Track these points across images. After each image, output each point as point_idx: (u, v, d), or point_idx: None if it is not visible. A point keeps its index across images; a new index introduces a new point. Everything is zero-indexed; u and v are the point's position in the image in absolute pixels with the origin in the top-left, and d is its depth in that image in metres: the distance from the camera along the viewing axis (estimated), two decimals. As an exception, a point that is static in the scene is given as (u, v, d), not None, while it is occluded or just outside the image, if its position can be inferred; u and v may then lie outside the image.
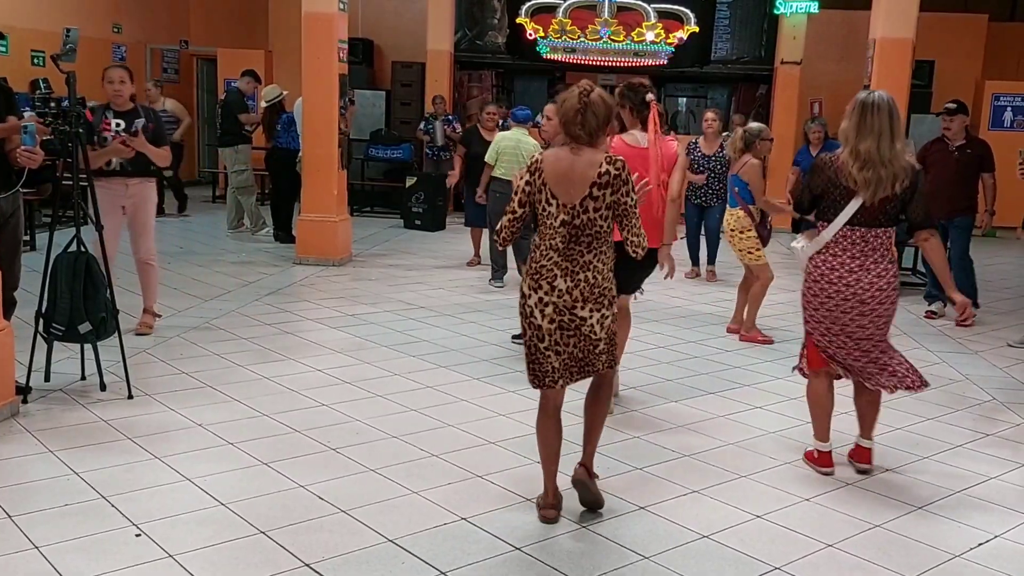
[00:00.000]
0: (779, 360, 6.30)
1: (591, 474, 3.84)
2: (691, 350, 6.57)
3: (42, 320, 4.97)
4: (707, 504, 3.96)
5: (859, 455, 4.37)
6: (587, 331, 3.60)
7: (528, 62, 14.65)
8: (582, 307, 3.57)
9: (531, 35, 13.22)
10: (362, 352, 6.12)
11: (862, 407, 4.37)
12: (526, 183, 3.63)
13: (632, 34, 13.42)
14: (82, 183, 5.15)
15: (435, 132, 12.64)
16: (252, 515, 3.64)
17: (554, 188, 3.56)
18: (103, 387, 5.02)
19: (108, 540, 3.40)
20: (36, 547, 3.32)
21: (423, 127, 12.81)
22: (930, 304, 7.96)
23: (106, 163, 5.91)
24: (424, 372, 5.72)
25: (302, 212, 9.36)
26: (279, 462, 4.19)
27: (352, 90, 11.05)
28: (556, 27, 13.09)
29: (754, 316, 6.93)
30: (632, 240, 3.63)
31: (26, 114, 6.42)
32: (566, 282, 3.55)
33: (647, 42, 13.21)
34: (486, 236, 9.55)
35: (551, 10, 13.29)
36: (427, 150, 12.87)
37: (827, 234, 4.12)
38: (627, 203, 3.56)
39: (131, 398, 4.94)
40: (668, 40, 12.91)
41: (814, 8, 13.07)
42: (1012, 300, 8.84)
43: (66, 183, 5.37)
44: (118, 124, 5.87)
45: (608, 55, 13.47)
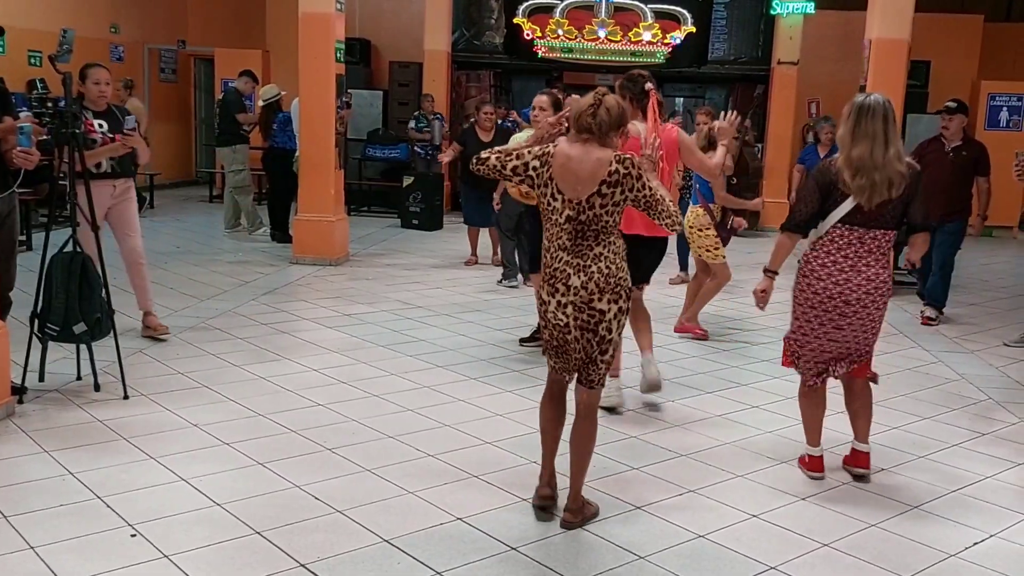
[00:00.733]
0: (775, 360, 6.29)
1: (581, 516, 3.70)
2: (687, 349, 6.57)
3: (37, 320, 4.96)
4: (703, 504, 3.96)
5: (856, 459, 4.32)
6: (603, 330, 3.59)
7: (526, 62, 14.64)
8: (599, 299, 3.55)
9: (528, 35, 13.22)
10: (358, 352, 6.11)
11: (854, 411, 4.33)
12: (534, 168, 3.61)
13: (629, 34, 13.43)
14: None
15: (434, 130, 12.62)
16: (247, 515, 3.64)
17: (560, 183, 3.56)
18: (98, 387, 5.02)
19: (103, 540, 3.40)
20: (31, 547, 3.31)
21: (414, 125, 12.78)
22: (924, 306, 7.94)
23: (96, 165, 5.78)
24: (421, 372, 5.72)
25: (299, 212, 9.36)
26: (275, 462, 4.19)
27: (349, 92, 11.05)
28: (553, 27, 13.10)
29: (699, 310, 6.91)
30: (666, 223, 3.61)
31: (22, 115, 6.39)
32: (580, 278, 3.55)
33: (644, 43, 13.23)
34: (484, 236, 9.55)
35: (548, 10, 13.30)
36: (418, 149, 12.83)
37: (820, 229, 4.10)
38: (646, 194, 3.55)
39: (126, 398, 4.94)
40: (664, 40, 12.93)
41: (810, 9, 13.08)
42: (1008, 300, 8.85)
43: (62, 183, 5.36)
44: (101, 125, 5.76)
45: (605, 55, 13.49)
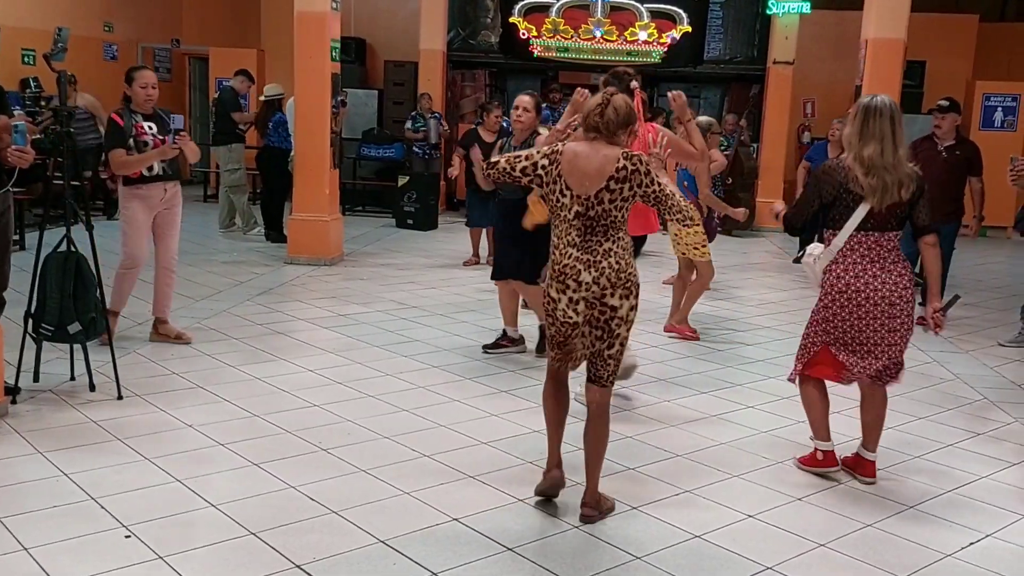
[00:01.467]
0: (772, 359, 6.31)
1: (600, 510, 3.77)
2: (682, 349, 6.57)
3: (31, 320, 4.93)
4: (699, 504, 3.96)
5: (864, 468, 4.29)
6: (614, 326, 3.63)
7: (521, 61, 14.63)
8: (611, 294, 3.60)
9: (524, 35, 13.21)
10: (353, 352, 6.10)
11: (868, 421, 4.31)
12: (543, 167, 3.67)
13: (625, 34, 13.43)
14: (72, 183, 5.11)
15: (430, 130, 12.61)
16: (242, 516, 3.63)
17: (568, 179, 3.61)
18: (93, 387, 5.00)
19: (98, 541, 3.38)
20: (25, 549, 3.30)
21: (411, 125, 12.77)
22: (920, 306, 7.94)
23: (147, 168, 5.73)
24: (416, 372, 5.71)
25: (294, 211, 9.34)
26: (270, 463, 4.17)
27: (344, 91, 11.02)
28: (549, 26, 13.09)
29: (688, 311, 6.89)
30: (677, 218, 3.68)
31: (16, 113, 6.38)
32: (591, 273, 3.60)
33: (640, 42, 13.22)
34: (485, 237, 9.52)
35: (544, 9, 13.29)
36: (416, 148, 12.81)
37: (838, 241, 4.06)
38: (655, 190, 3.61)
39: (121, 399, 4.91)
40: (661, 40, 12.93)
41: (806, 8, 13.10)
42: (1003, 299, 8.86)
43: (56, 182, 5.34)
44: (150, 127, 5.72)
45: (601, 55, 13.48)
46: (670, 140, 5.11)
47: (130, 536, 3.43)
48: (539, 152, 3.73)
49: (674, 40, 13.07)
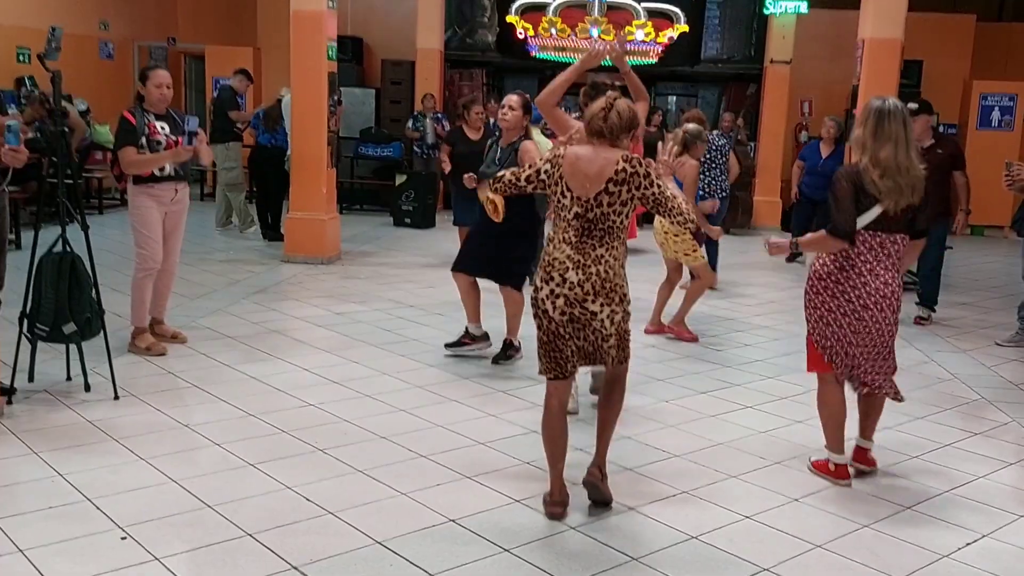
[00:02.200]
0: (770, 359, 6.31)
1: (603, 475, 3.86)
2: (680, 349, 6.56)
3: (26, 320, 4.91)
4: (696, 505, 3.95)
5: (864, 457, 4.34)
6: (597, 326, 3.68)
7: (518, 60, 14.61)
8: (592, 301, 3.63)
9: (521, 33, 13.20)
10: (350, 351, 6.09)
11: (867, 411, 4.33)
12: (545, 171, 3.77)
13: (622, 32, 13.39)
14: (67, 181, 5.10)
15: (426, 130, 12.60)
16: (238, 517, 3.62)
17: (570, 181, 3.67)
18: (88, 387, 4.98)
19: (93, 542, 3.37)
20: (20, 550, 3.28)
21: (411, 125, 12.77)
22: (916, 306, 7.92)
23: (159, 168, 5.65)
24: (413, 371, 5.70)
25: (291, 210, 9.32)
26: (266, 463, 4.16)
27: (341, 90, 10.99)
28: (546, 26, 13.08)
29: (686, 313, 6.84)
30: (678, 220, 3.70)
31: (10, 112, 6.35)
32: (577, 275, 3.63)
33: (637, 42, 13.20)
34: None
35: (541, 8, 13.27)
36: (416, 148, 12.83)
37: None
38: (655, 193, 3.65)
39: (116, 399, 4.90)
40: (657, 39, 12.92)
41: (803, 8, 13.10)
42: (1000, 299, 8.86)
43: (51, 181, 5.32)
44: (163, 127, 5.66)
45: (598, 54, 13.42)
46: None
47: (126, 537, 3.42)
48: (541, 159, 3.85)
49: (672, 40, 13.05)
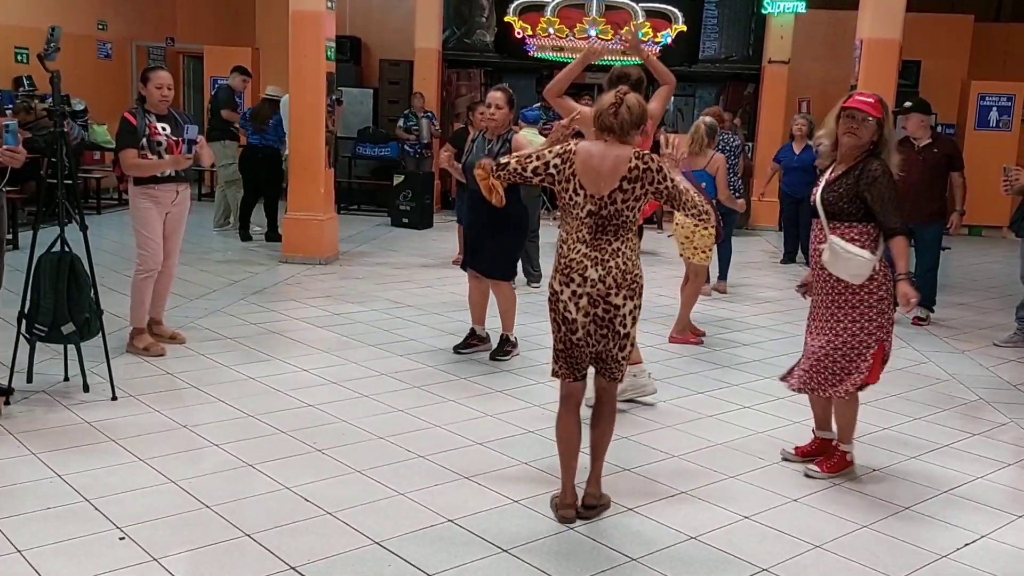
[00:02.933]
0: (768, 360, 6.31)
1: (600, 496, 3.81)
2: (678, 349, 6.56)
3: (25, 320, 4.91)
4: (695, 505, 3.95)
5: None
6: (619, 324, 3.65)
7: (516, 60, 14.62)
8: (616, 294, 3.62)
9: (519, 33, 13.21)
10: (348, 351, 6.09)
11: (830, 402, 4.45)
12: (555, 166, 3.69)
13: (620, 33, 13.39)
14: (66, 182, 5.09)
15: (422, 129, 12.59)
16: (237, 517, 3.62)
17: (583, 179, 3.65)
18: (86, 388, 4.97)
19: (92, 543, 3.37)
20: (19, 551, 3.28)
21: (403, 124, 12.75)
22: (917, 307, 7.90)
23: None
24: (411, 372, 5.70)
25: (289, 210, 9.31)
26: (264, 463, 4.16)
27: (340, 90, 10.98)
28: (544, 25, 13.07)
29: (686, 318, 6.80)
30: (692, 214, 3.73)
31: (8, 112, 6.34)
32: (598, 271, 3.62)
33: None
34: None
35: (539, 8, 13.27)
36: (408, 148, 12.79)
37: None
38: (667, 187, 3.67)
39: (115, 399, 4.89)
40: (655, 39, 12.92)
41: (801, 8, 13.11)
42: (998, 299, 8.87)
43: (50, 181, 5.30)
44: (164, 128, 5.65)
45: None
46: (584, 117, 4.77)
47: (124, 538, 3.42)
48: (550, 151, 3.74)
49: (670, 41, 13.05)
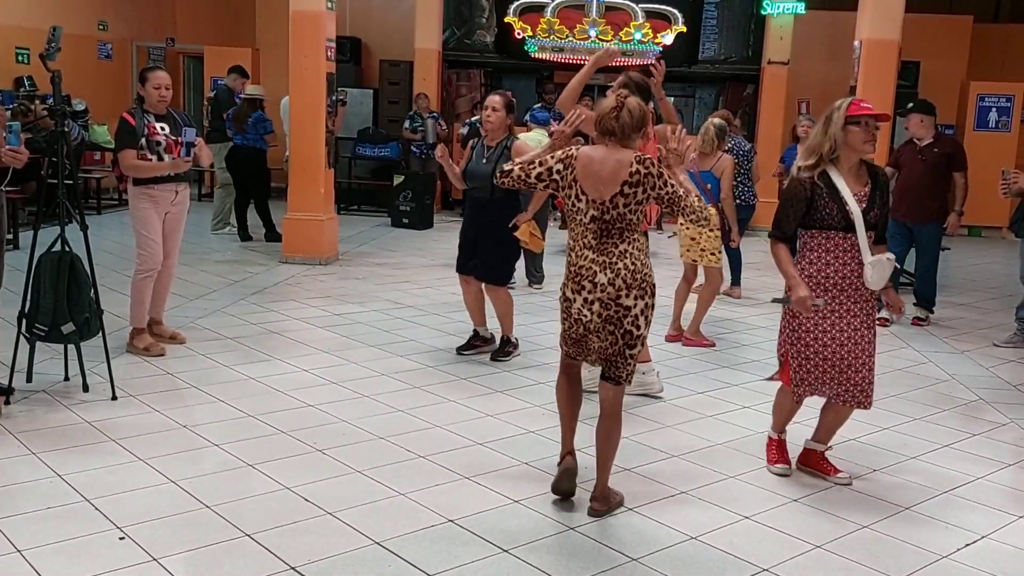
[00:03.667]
0: (768, 360, 6.30)
1: (607, 505, 3.81)
2: (678, 349, 6.56)
3: (25, 320, 4.91)
4: (695, 505, 3.96)
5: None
6: (629, 324, 3.67)
7: (516, 61, 14.62)
8: (626, 295, 3.65)
9: (519, 34, 13.21)
10: (348, 352, 6.08)
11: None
12: (558, 171, 3.73)
13: (620, 34, 13.40)
14: (67, 182, 5.09)
15: (427, 130, 12.59)
16: (237, 517, 3.62)
17: (584, 184, 3.66)
18: (86, 388, 4.97)
19: (91, 543, 3.37)
20: (18, 551, 3.28)
21: (409, 125, 12.76)
22: (914, 307, 7.91)
23: None
24: (411, 372, 5.70)
25: (289, 211, 9.30)
26: (264, 463, 4.16)
27: (344, 90, 10.97)
28: (544, 26, 13.07)
29: (700, 321, 6.77)
30: (691, 219, 3.73)
31: (7, 112, 6.33)
32: (607, 275, 3.64)
33: (635, 41, 13.20)
34: None
35: (539, 9, 13.27)
36: (414, 148, 12.81)
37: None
38: (668, 191, 3.67)
39: (115, 399, 4.89)
40: (656, 40, 12.92)
41: (801, 9, 13.11)
42: (998, 300, 8.87)
43: (51, 181, 5.30)
44: (162, 128, 5.64)
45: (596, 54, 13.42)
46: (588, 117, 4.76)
47: (124, 537, 3.42)
48: (552, 157, 3.77)
49: (669, 42, 13.05)
